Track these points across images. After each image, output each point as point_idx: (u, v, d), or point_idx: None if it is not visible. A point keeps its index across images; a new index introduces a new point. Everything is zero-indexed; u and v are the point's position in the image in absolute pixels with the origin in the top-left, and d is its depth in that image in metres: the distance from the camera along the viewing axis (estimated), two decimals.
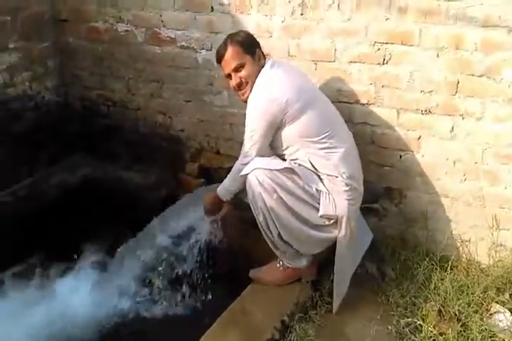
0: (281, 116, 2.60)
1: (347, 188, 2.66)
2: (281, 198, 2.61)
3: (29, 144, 3.78)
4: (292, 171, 2.63)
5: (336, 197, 2.66)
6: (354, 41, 2.95)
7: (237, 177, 2.75)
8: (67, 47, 3.92)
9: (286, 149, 2.72)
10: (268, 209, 2.63)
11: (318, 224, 2.69)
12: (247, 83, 2.73)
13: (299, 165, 2.69)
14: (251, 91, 2.72)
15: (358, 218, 2.88)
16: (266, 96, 2.64)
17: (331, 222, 2.69)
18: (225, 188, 2.86)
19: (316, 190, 2.66)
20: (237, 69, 2.72)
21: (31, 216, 3.53)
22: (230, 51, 2.71)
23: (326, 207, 2.66)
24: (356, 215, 2.80)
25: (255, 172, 2.62)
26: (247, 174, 2.64)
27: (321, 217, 2.67)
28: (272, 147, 2.76)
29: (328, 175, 2.67)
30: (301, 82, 2.74)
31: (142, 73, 3.72)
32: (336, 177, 2.66)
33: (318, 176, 2.69)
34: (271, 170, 2.61)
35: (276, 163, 2.66)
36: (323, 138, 2.64)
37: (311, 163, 2.68)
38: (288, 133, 2.67)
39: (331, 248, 2.74)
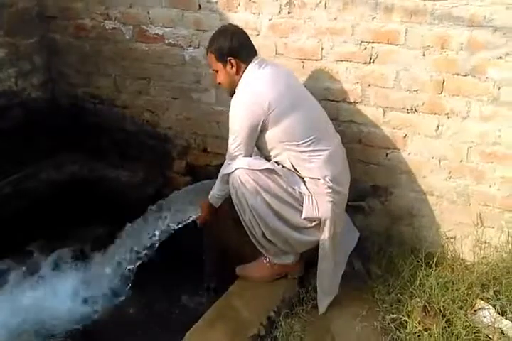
0: (264, 117, 2.60)
1: (330, 191, 2.65)
2: (264, 199, 2.62)
3: (15, 141, 3.74)
4: (275, 172, 2.64)
5: (319, 200, 2.67)
6: (341, 40, 2.96)
7: (225, 181, 2.75)
8: (53, 43, 3.90)
9: (269, 151, 2.73)
10: (251, 209, 2.65)
11: (300, 226, 2.70)
12: (221, 84, 2.81)
13: (283, 166, 2.69)
14: (227, 88, 2.79)
15: (344, 217, 2.90)
16: (248, 97, 2.64)
17: (314, 224, 2.70)
18: (215, 194, 2.86)
19: (299, 192, 2.66)
20: (215, 71, 2.79)
21: (17, 213, 3.51)
22: (207, 55, 2.79)
23: (308, 210, 2.67)
24: (340, 217, 2.79)
25: (238, 172, 2.63)
26: (230, 173, 2.66)
27: (304, 219, 2.68)
28: (257, 148, 2.77)
29: (311, 177, 2.67)
30: (286, 84, 2.71)
31: (129, 70, 3.72)
32: (319, 179, 2.65)
33: (302, 178, 2.70)
34: (253, 170, 2.62)
35: (258, 163, 2.66)
36: (305, 143, 2.64)
37: (293, 166, 2.69)
38: (270, 137, 2.67)
39: (317, 246, 2.76)
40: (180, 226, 2.99)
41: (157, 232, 3.03)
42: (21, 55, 3.77)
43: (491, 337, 2.49)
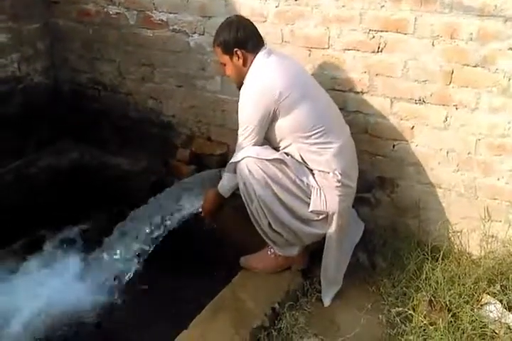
0: (275, 106, 2.56)
1: (339, 184, 2.63)
2: (272, 189, 2.59)
3: (17, 127, 3.74)
4: (284, 163, 2.61)
5: (327, 193, 2.64)
6: (348, 28, 2.91)
7: (233, 170, 2.71)
8: (57, 29, 3.87)
9: (279, 142, 2.69)
10: (258, 199, 2.62)
11: (307, 219, 2.68)
12: (230, 77, 2.79)
13: (292, 157, 2.66)
14: (236, 80, 2.76)
15: (351, 211, 2.87)
16: (258, 86, 2.60)
17: (321, 217, 2.67)
18: (225, 184, 2.81)
19: (307, 184, 2.63)
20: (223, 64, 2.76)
21: (18, 199, 3.51)
22: (214, 49, 2.75)
23: (316, 203, 2.64)
24: (348, 211, 2.77)
25: (246, 161, 2.60)
26: (238, 162, 2.62)
27: (311, 212, 2.65)
28: (266, 139, 2.73)
29: (320, 170, 2.64)
30: (296, 73, 2.68)
31: (133, 56, 3.68)
32: (328, 173, 2.63)
33: (311, 171, 2.67)
34: (262, 159, 2.58)
35: (267, 153, 2.63)
36: (315, 134, 2.61)
37: (302, 159, 2.66)
38: (280, 127, 2.63)
39: (323, 239, 2.74)
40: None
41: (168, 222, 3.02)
42: (24, 40, 3.74)
43: (497, 332, 2.47)
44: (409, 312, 2.58)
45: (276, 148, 2.71)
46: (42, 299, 3.01)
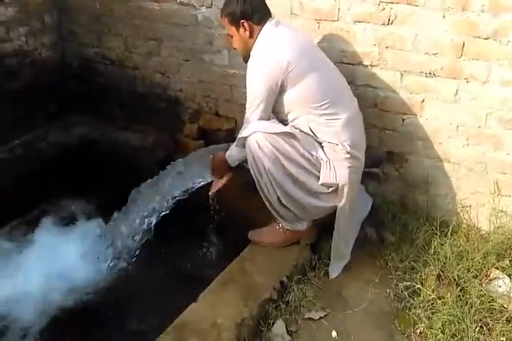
0: (283, 77, 2.54)
1: (348, 156, 2.61)
2: (281, 163, 2.58)
3: (25, 102, 3.73)
4: (293, 136, 2.59)
5: (337, 165, 2.63)
6: (358, 0, 2.86)
7: (242, 144, 2.69)
8: (64, 2, 3.84)
9: (287, 115, 2.68)
10: (267, 173, 2.61)
11: (317, 192, 2.67)
12: (237, 49, 2.77)
13: (300, 131, 2.64)
14: (242, 53, 2.74)
15: (359, 183, 2.86)
16: (266, 57, 2.57)
17: (331, 190, 2.66)
18: (232, 155, 2.79)
19: (317, 157, 2.62)
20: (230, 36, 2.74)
21: (26, 174, 3.53)
22: (221, 19, 2.73)
23: (326, 175, 2.63)
24: (357, 183, 2.77)
25: (255, 136, 2.58)
26: (247, 137, 2.61)
27: (321, 185, 2.64)
28: (274, 112, 2.71)
29: (329, 142, 2.63)
30: (304, 44, 2.66)
31: (140, 30, 3.65)
32: (337, 144, 2.62)
33: (320, 143, 2.65)
34: (271, 133, 2.57)
35: (276, 127, 2.61)
36: (324, 105, 2.59)
37: (311, 130, 2.64)
38: (289, 98, 2.61)
39: (331, 214, 2.74)
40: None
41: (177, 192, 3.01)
42: (32, 14, 3.72)
43: (505, 306, 2.47)
44: (417, 286, 2.58)
45: (284, 121, 2.70)
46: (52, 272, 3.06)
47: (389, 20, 2.83)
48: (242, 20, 2.62)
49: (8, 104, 3.61)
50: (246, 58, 2.70)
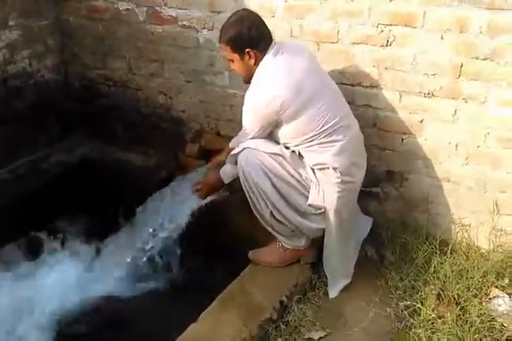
0: (277, 117, 2.56)
1: (338, 181, 2.62)
2: (270, 180, 2.61)
3: (28, 123, 3.76)
4: (282, 157, 2.62)
5: (326, 189, 2.64)
6: (357, 22, 2.90)
7: (234, 161, 2.73)
8: (67, 25, 3.88)
9: (281, 141, 2.69)
10: (257, 188, 2.63)
11: (307, 212, 2.69)
12: (238, 72, 2.76)
13: (292, 151, 2.67)
14: (243, 75, 2.73)
15: (354, 204, 2.87)
16: (261, 96, 2.56)
17: (319, 212, 2.68)
18: (227, 170, 2.83)
19: (306, 177, 2.64)
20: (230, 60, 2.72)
21: (29, 194, 3.53)
22: (221, 46, 2.70)
23: (314, 197, 2.65)
24: (348, 205, 2.76)
25: (245, 152, 2.63)
26: (238, 154, 2.64)
27: (309, 205, 2.66)
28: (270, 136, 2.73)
29: (320, 168, 2.64)
30: (302, 74, 2.58)
31: (143, 52, 3.69)
32: (328, 168, 2.62)
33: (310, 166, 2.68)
34: (261, 152, 2.61)
35: (267, 146, 2.64)
36: (319, 136, 2.59)
37: (302, 155, 2.67)
38: (284, 132, 2.64)
39: None
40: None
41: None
42: (35, 37, 3.76)
43: (505, 325, 2.47)
44: (418, 305, 2.58)
45: (277, 141, 2.71)
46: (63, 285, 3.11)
47: (387, 41, 2.86)
48: (247, 49, 2.59)
49: (12, 125, 3.64)
50: (247, 80, 2.72)
